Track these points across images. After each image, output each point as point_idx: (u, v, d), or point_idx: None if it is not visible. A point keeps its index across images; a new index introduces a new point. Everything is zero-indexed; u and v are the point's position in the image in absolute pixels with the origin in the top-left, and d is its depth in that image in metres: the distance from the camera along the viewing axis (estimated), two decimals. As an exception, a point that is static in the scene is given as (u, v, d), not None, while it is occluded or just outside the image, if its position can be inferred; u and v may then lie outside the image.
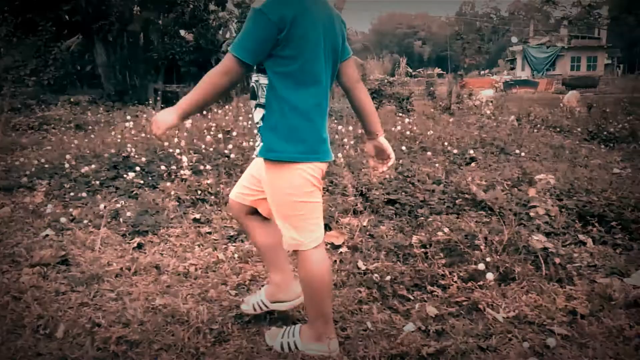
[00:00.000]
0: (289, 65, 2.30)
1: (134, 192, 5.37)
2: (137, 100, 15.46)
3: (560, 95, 24.14)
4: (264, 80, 2.36)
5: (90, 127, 10.32)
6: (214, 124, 7.76)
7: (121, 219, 4.57)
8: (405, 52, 66.39)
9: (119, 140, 7.15)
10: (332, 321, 2.65)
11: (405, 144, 6.74)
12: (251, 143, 6.28)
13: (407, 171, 5.48)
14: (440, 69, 55.02)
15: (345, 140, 6.61)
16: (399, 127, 7.52)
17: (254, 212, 2.76)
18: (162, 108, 10.26)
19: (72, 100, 14.31)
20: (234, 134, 7.04)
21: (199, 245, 4.12)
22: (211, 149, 6.42)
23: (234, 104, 11.17)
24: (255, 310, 2.91)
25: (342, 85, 2.67)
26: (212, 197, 5.16)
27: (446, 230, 3.83)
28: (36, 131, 10.45)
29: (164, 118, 2.33)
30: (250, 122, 7.49)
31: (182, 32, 18.35)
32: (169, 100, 16.34)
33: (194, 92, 2.32)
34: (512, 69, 52.60)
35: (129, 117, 7.94)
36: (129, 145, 6.56)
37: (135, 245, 4.09)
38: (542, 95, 27.94)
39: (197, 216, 4.71)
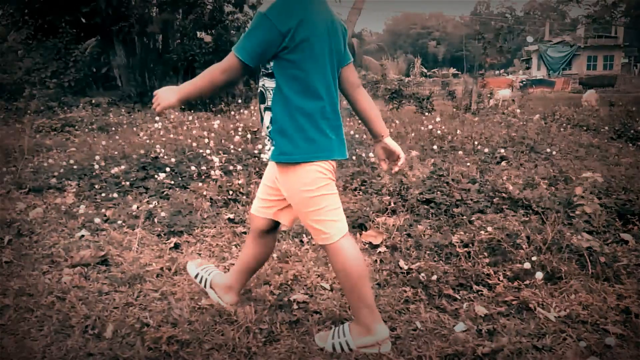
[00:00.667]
0: (295, 69, 2.36)
1: (165, 193, 5.36)
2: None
3: (578, 94, 24.00)
4: (270, 83, 2.43)
5: (113, 129, 10.35)
6: (241, 124, 7.76)
7: (155, 220, 4.56)
8: (419, 52, 66.33)
9: (147, 141, 7.16)
10: (376, 309, 2.63)
11: (436, 144, 6.68)
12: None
13: (439, 170, 5.44)
14: (455, 69, 54.94)
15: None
16: (430, 127, 7.46)
17: (271, 230, 2.84)
18: (182, 110, 10.26)
19: (93, 102, 14.38)
20: (263, 134, 7.03)
21: (235, 245, 4.10)
22: (240, 149, 6.41)
23: (254, 105, 11.16)
24: (195, 278, 3.14)
25: (343, 91, 2.72)
26: (244, 197, 5.14)
27: (490, 229, 3.78)
28: (59, 133, 10.47)
29: (167, 96, 2.47)
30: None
31: (198, 34, 18.37)
32: (187, 101, 16.34)
33: (195, 82, 2.45)
34: (528, 68, 52.37)
35: (157, 119, 7.95)
36: (157, 145, 6.56)
37: (172, 245, 4.07)
38: (560, 94, 27.80)
39: (231, 216, 4.69)
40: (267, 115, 2.48)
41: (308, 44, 2.34)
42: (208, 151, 6.01)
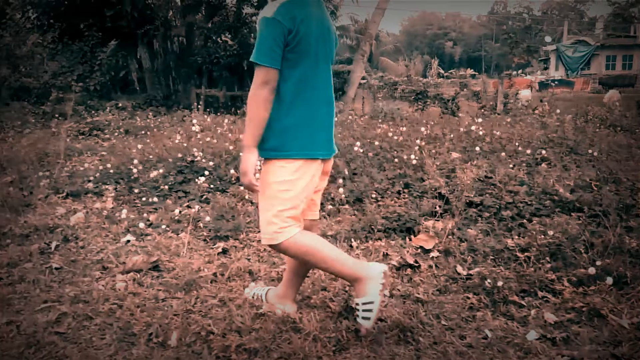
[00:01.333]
0: (290, 68, 2.46)
1: (205, 197, 5.31)
2: (182, 105, 15.53)
3: (598, 95, 23.76)
4: None
5: (142, 132, 10.33)
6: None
7: (200, 224, 4.51)
8: (436, 53, 66.08)
9: (182, 145, 7.13)
10: (353, 259, 2.73)
11: (478, 145, 6.57)
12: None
13: (485, 172, 5.32)
14: (472, 70, 54.68)
15: (418, 141, 6.47)
16: (473, 127, 7.36)
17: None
18: (205, 112, 10.25)
19: (119, 105, 14.40)
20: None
21: (283, 250, 4.04)
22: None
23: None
24: (252, 298, 3.11)
25: None
26: (285, 200, 5.07)
27: (551, 233, 3.69)
28: (87, 136, 10.47)
29: (245, 164, 2.52)
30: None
31: (222, 37, 18.37)
32: (211, 104, 16.34)
33: (247, 120, 2.49)
34: (546, 68, 51.85)
35: (195, 121, 7.93)
36: (194, 149, 6.53)
37: (219, 250, 4.02)
38: (580, 94, 27.49)
39: (275, 220, 4.63)
40: None
41: (305, 44, 2.44)
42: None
